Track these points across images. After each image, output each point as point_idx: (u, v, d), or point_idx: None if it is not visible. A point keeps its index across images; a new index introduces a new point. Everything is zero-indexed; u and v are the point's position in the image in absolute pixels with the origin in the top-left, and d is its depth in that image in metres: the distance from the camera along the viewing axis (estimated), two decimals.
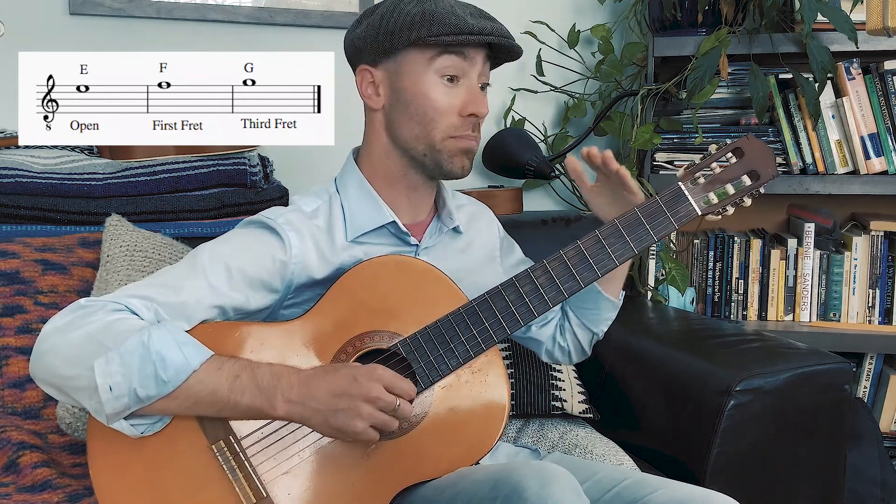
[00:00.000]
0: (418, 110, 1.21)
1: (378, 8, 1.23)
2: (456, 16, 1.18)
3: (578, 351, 1.46)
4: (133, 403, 1.06)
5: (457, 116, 1.22)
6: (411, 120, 1.22)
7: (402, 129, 1.23)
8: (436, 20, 1.17)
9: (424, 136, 1.22)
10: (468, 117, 1.22)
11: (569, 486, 1.01)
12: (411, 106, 1.21)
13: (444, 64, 1.20)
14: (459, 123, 1.22)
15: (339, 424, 1.07)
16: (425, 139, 1.22)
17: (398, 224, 1.26)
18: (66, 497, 1.29)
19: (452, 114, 1.21)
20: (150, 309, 1.12)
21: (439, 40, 1.17)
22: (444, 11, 1.18)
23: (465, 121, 1.22)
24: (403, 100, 1.22)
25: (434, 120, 1.21)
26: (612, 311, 1.41)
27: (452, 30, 1.17)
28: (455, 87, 1.21)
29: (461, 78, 1.22)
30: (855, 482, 1.95)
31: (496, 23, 1.22)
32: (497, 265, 1.42)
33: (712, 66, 1.95)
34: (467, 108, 1.21)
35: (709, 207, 1.23)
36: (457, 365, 1.16)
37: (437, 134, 1.21)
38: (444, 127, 1.21)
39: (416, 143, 1.23)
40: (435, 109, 1.21)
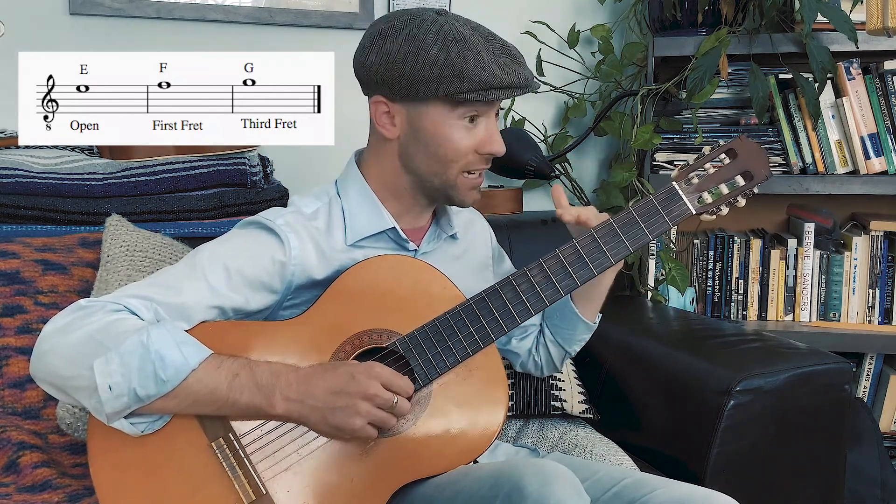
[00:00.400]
0: (438, 151, 1.21)
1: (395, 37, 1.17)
2: (485, 68, 1.15)
3: (549, 366, 1.48)
4: (133, 403, 1.06)
5: (474, 154, 1.22)
6: (430, 157, 1.22)
7: (418, 163, 1.23)
8: (465, 76, 1.15)
9: (441, 172, 1.22)
10: (484, 155, 1.23)
11: (569, 485, 1.01)
12: (430, 146, 1.21)
13: (468, 111, 1.20)
14: (476, 160, 1.23)
15: (338, 422, 1.08)
16: (441, 175, 1.23)
17: (398, 230, 1.26)
18: (66, 497, 1.29)
19: (471, 153, 1.22)
20: (150, 309, 1.12)
21: (468, 97, 1.16)
22: (474, 64, 1.15)
23: (481, 158, 1.23)
24: (422, 138, 1.21)
25: (453, 161, 1.21)
26: (587, 332, 1.42)
27: (482, 86, 1.15)
28: (474, 128, 1.21)
29: (481, 117, 1.22)
30: (855, 482, 1.95)
31: (521, 67, 1.20)
32: (489, 272, 1.43)
33: (712, 66, 1.95)
34: (484, 148, 1.22)
35: (703, 207, 1.24)
36: (455, 363, 1.17)
37: (454, 172, 1.22)
38: (462, 164, 1.22)
39: (431, 178, 1.23)
40: (455, 151, 1.21)
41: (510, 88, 1.18)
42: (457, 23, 1.18)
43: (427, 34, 1.16)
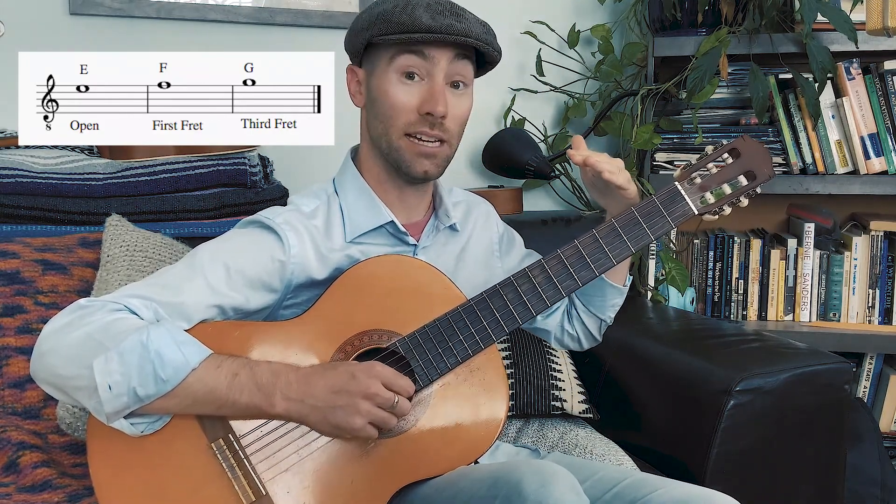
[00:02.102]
0: (381, 108, 1.22)
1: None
2: (409, 14, 1.16)
3: (588, 337, 1.46)
4: (132, 402, 1.06)
5: (414, 114, 1.20)
6: (376, 118, 1.23)
7: (371, 127, 1.24)
8: (387, 20, 1.17)
9: (385, 133, 1.22)
10: (425, 115, 1.20)
11: (568, 485, 1.01)
12: (376, 104, 1.22)
13: (403, 63, 1.19)
14: (416, 120, 1.20)
15: (338, 421, 1.08)
16: (385, 137, 1.22)
17: (396, 224, 1.26)
18: (66, 497, 1.29)
19: (410, 111, 1.20)
20: (150, 308, 1.12)
21: (386, 39, 1.17)
22: (400, 11, 1.17)
23: (422, 119, 1.20)
24: (371, 97, 1.23)
25: (392, 117, 1.21)
26: (619, 297, 1.40)
27: (400, 29, 1.16)
28: (414, 85, 1.20)
29: (423, 78, 1.20)
30: (855, 482, 1.95)
31: (463, 22, 1.18)
32: (496, 261, 1.41)
33: (712, 66, 1.95)
34: (423, 107, 1.19)
35: (705, 207, 1.23)
36: (455, 363, 1.17)
37: (394, 132, 1.21)
38: (401, 124, 1.20)
39: (380, 142, 1.23)
40: (392, 106, 1.20)
41: (432, 32, 1.16)
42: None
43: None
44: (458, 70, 1.21)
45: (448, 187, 1.38)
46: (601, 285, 1.37)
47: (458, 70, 1.21)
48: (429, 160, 1.22)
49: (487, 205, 1.45)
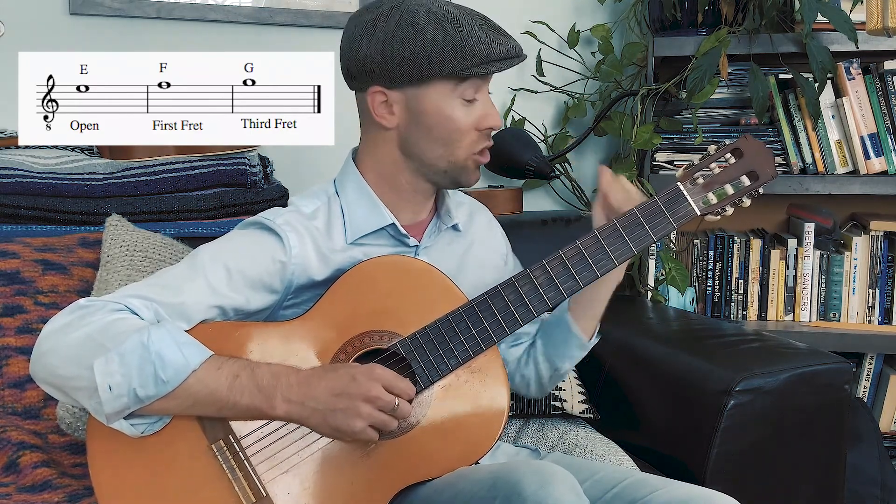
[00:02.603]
0: (442, 133, 1.21)
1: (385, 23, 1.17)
2: (482, 43, 1.17)
3: (538, 385, 1.43)
4: (132, 403, 1.06)
5: (475, 132, 1.22)
6: (434, 142, 1.22)
7: (422, 150, 1.23)
8: (468, 52, 1.16)
9: (448, 155, 1.22)
10: (485, 131, 1.23)
11: (568, 486, 1.01)
12: (434, 130, 1.21)
13: (471, 90, 1.20)
14: (478, 138, 1.23)
15: (338, 424, 1.08)
16: (448, 158, 1.23)
17: (397, 226, 1.26)
18: (66, 497, 1.29)
19: (471, 131, 1.22)
20: (150, 309, 1.12)
21: (472, 72, 1.17)
22: (473, 40, 1.16)
23: (482, 134, 1.23)
24: (424, 123, 1.21)
25: (457, 140, 1.22)
26: (579, 351, 1.38)
27: (483, 59, 1.17)
28: (472, 106, 1.22)
29: (477, 95, 1.22)
30: (855, 482, 1.95)
31: (510, 38, 1.22)
32: (502, 270, 1.41)
33: (712, 66, 1.95)
34: (484, 123, 1.22)
35: (708, 208, 1.23)
36: (456, 365, 1.16)
37: (461, 153, 1.23)
38: (467, 145, 1.22)
39: (438, 162, 1.23)
40: (459, 131, 1.21)
41: (507, 59, 1.19)
42: (441, 2, 1.20)
43: (418, 16, 1.17)
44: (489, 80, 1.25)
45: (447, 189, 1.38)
46: (567, 334, 1.36)
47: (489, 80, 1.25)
48: (479, 169, 1.27)
49: (489, 212, 1.46)
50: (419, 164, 1.24)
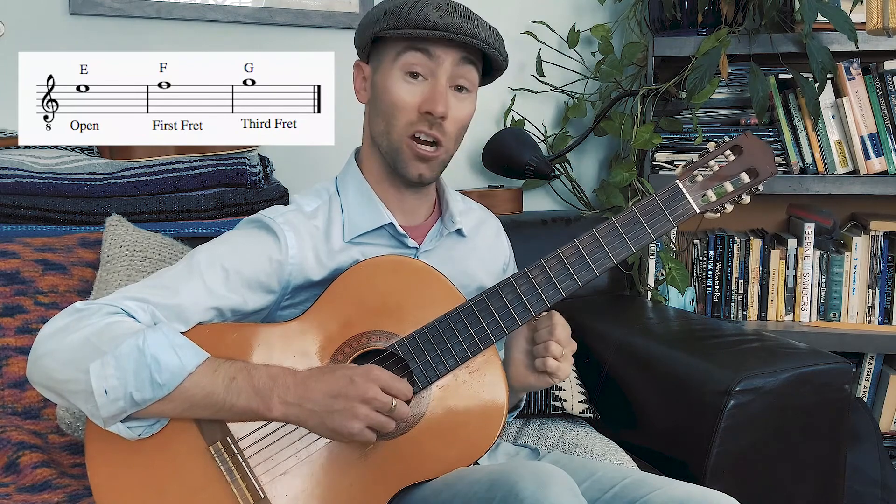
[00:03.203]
0: (382, 105, 1.21)
1: None
2: (418, 12, 1.16)
3: None
4: (129, 407, 1.06)
5: (415, 113, 1.20)
6: (378, 115, 1.23)
7: (373, 125, 1.24)
8: (396, 15, 1.17)
9: (387, 132, 1.22)
10: (425, 114, 1.19)
11: (566, 487, 1.01)
12: (379, 100, 1.22)
13: (408, 60, 1.19)
14: (417, 120, 1.20)
15: (336, 425, 1.07)
16: (387, 136, 1.22)
17: (396, 226, 1.25)
18: (66, 497, 1.29)
19: (411, 110, 1.19)
20: (147, 311, 1.12)
21: (395, 34, 1.17)
22: (409, 7, 1.17)
23: (421, 118, 1.19)
24: (375, 94, 1.23)
25: (393, 115, 1.20)
26: None
27: (407, 24, 1.16)
28: (417, 84, 1.20)
29: (427, 77, 1.20)
30: (855, 482, 1.95)
31: (472, 24, 1.18)
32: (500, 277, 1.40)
33: (712, 66, 1.95)
34: (423, 105, 1.19)
35: (707, 205, 1.22)
36: (454, 365, 1.16)
37: (395, 131, 1.21)
38: (403, 124, 1.20)
39: (381, 139, 1.23)
40: (394, 104, 1.20)
41: (437, 30, 1.15)
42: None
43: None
44: (462, 73, 1.21)
45: (458, 195, 1.37)
46: None
47: (463, 74, 1.21)
48: (424, 164, 1.22)
49: (498, 221, 1.45)
50: (376, 148, 1.25)
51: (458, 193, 1.38)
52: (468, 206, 1.40)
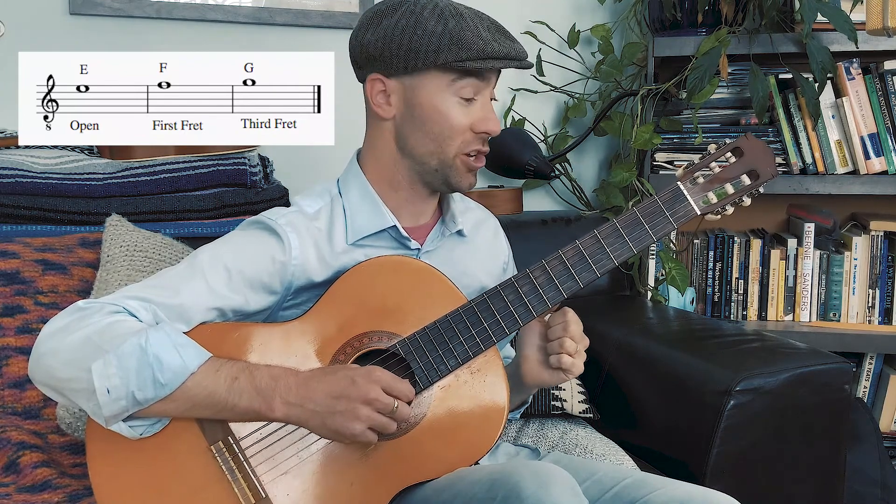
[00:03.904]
0: (434, 128, 1.21)
1: (392, 14, 1.19)
2: (482, 39, 1.17)
3: None
4: (131, 406, 1.06)
5: (470, 133, 1.22)
6: (426, 136, 1.22)
7: (414, 143, 1.23)
8: (464, 45, 1.16)
9: (438, 152, 1.22)
10: (480, 134, 1.22)
11: (567, 487, 1.01)
12: (427, 123, 1.21)
13: (467, 88, 1.20)
14: (472, 140, 1.22)
15: (337, 426, 1.07)
16: (439, 155, 1.22)
17: (399, 228, 1.25)
18: (66, 497, 1.29)
19: (466, 131, 1.22)
20: (149, 310, 1.12)
21: (466, 66, 1.17)
22: (472, 34, 1.17)
23: (477, 137, 1.23)
24: (418, 116, 1.21)
25: (449, 137, 1.21)
26: None
27: (479, 55, 1.16)
28: (470, 106, 1.21)
29: (477, 98, 1.22)
30: (855, 482, 1.95)
31: (516, 42, 1.21)
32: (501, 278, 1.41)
33: (712, 66, 1.95)
34: (480, 126, 1.22)
35: (708, 207, 1.23)
36: (456, 365, 1.16)
37: (451, 151, 1.22)
38: (458, 144, 1.22)
39: (429, 159, 1.23)
40: (452, 128, 1.21)
41: (506, 59, 1.18)
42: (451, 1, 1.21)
43: (424, 9, 1.18)
44: (494, 85, 1.25)
45: (457, 194, 1.37)
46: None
47: (494, 85, 1.25)
48: (474, 174, 1.26)
49: (496, 220, 1.46)
50: (412, 161, 1.24)
51: (456, 193, 1.38)
52: (467, 205, 1.40)
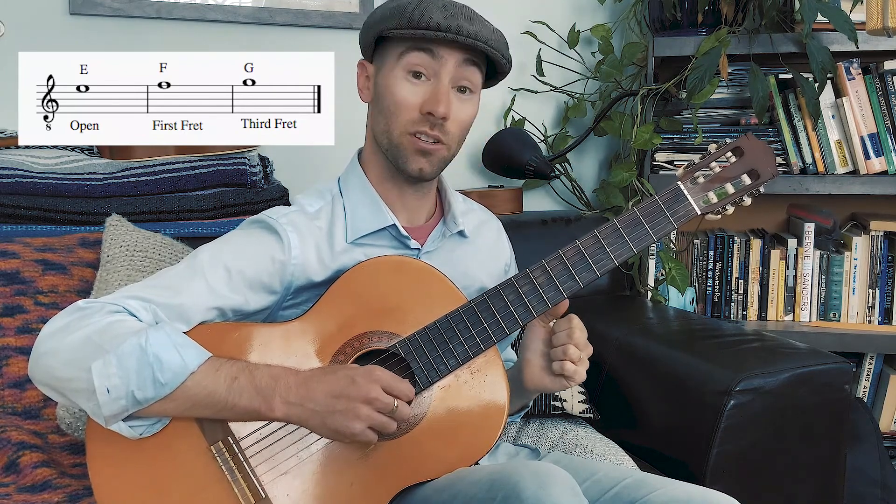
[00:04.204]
0: (384, 104, 1.22)
1: None
2: (422, 12, 1.16)
3: None
4: (131, 405, 1.06)
5: (416, 112, 1.20)
6: (380, 114, 1.23)
7: (375, 123, 1.24)
8: (401, 15, 1.17)
9: (387, 130, 1.22)
10: (426, 115, 1.19)
11: (567, 487, 1.01)
12: (381, 99, 1.22)
13: (412, 61, 1.19)
14: (418, 119, 1.20)
15: (337, 426, 1.07)
16: (387, 133, 1.22)
17: (399, 228, 1.25)
18: (66, 497, 1.29)
19: (412, 110, 1.20)
20: (149, 310, 1.12)
21: (398, 33, 1.17)
22: (413, 6, 1.17)
23: (423, 118, 1.20)
24: (377, 93, 1.23)
25: (395, 114, 1.20)
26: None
27: (411, 24, 1.16)
28: (420, 85, 1.20)
29: (430, 77, 1.20)
30: (855, 482, 1.95)
31: (475, 25, 1.18)
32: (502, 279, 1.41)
33: (712, 66, 1.95)
34: (425, 106, 1.19)
35: (708, 207, 1.22)
36: (456, 365, 1.16)
37: (396, 128, 1.21)
38: (403, 122, 1.20)
39: (382, 138, 1.23)
40: (396, 104, 1.20)
41: (439, 31, 1.16)
42: None
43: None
44: (465, 75, 1.21)
45: (460, 195, 1.37)
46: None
47: (466, 75, 1.21)
48: (425, 158, 1.22)
49: (499, 222, 1.45)
50: (377, 145, 1.25)
51: (459, 194, 1.38)
52: (469, 206, 1.40)
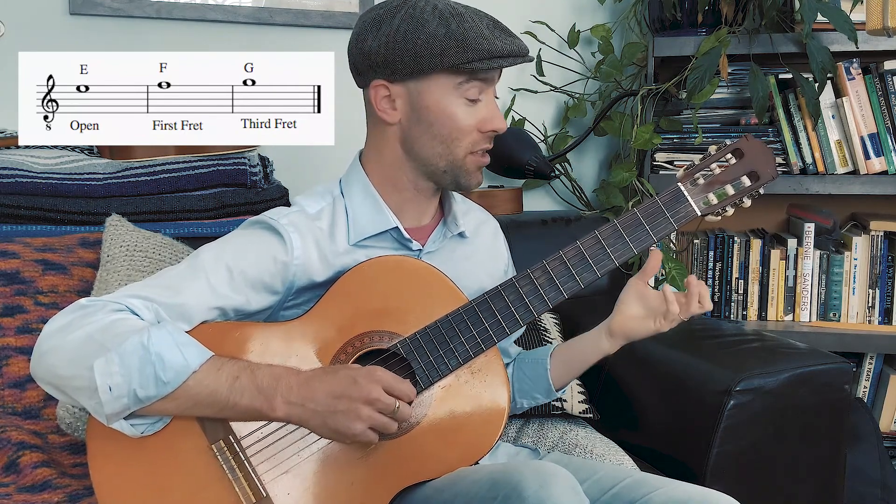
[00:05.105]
0: (442, 130, 1.21)
1: (391, 19, 1.18)
2: (485, 38, 1.17)
3: None
4: (132, 404, 1.06)
5: (477, 133, 1.22)
6: (434, 139, 1.22)
7: (422, 146, 1.22)
8: (468, 46, 1.16)
9: (447, 153, 1.22)
10: (488, 133, 1.23)
11: (568, 486, 1.01)
12: (435, 126, 1.21)
13: (473, 90, 1.20)
14: (479, 139, 1.23)
15: (338, 426, 1.07)
16: (448, 157, 1.22)
17: (401, 229, 1.25)
18: (66, 497, 1.29)
19: (473, 131, 1.22)
20: (151, 309, 1.12)
21: (473, 66, 1.17)
22: (475, 35, 1.16)
23: (484, 136, 1.23)
24: (425, 119, 1.21)
25: (458, 139, 1.21)
26: (543, 396, 1.40)
27: (485, 55, 1.16)
28: (475, 106, 1.22)
29: (481, 96, 1.22)
30: (855, 482, 1.95)
31: (516, 38, 1.21)
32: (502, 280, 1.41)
33: (712, 66, 1.95)
34: (487, 126, 1.22)
35: (708, 208, 1.23)
36: (456, 365, 1.17)
37: (461, 152, 1.22)
38: (467, 144, 1.22)
39: (437, 161, 1.23)
40: (460, 130, 1.21)
41: (511, 56, 1.18)
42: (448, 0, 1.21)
43: (423, 12, 1.17)
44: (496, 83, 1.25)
45: (458, 195, 1.37)
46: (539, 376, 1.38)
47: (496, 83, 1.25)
48: (482, 173, 1.27)
49: (496, 221, 1.46)
50: (419, 163, 1.24)
51: (457, 194, 1.38)
52: (468, 207, 1.40)
